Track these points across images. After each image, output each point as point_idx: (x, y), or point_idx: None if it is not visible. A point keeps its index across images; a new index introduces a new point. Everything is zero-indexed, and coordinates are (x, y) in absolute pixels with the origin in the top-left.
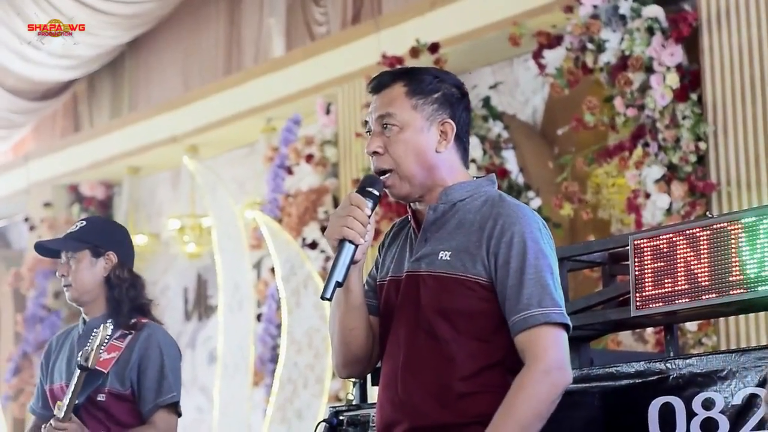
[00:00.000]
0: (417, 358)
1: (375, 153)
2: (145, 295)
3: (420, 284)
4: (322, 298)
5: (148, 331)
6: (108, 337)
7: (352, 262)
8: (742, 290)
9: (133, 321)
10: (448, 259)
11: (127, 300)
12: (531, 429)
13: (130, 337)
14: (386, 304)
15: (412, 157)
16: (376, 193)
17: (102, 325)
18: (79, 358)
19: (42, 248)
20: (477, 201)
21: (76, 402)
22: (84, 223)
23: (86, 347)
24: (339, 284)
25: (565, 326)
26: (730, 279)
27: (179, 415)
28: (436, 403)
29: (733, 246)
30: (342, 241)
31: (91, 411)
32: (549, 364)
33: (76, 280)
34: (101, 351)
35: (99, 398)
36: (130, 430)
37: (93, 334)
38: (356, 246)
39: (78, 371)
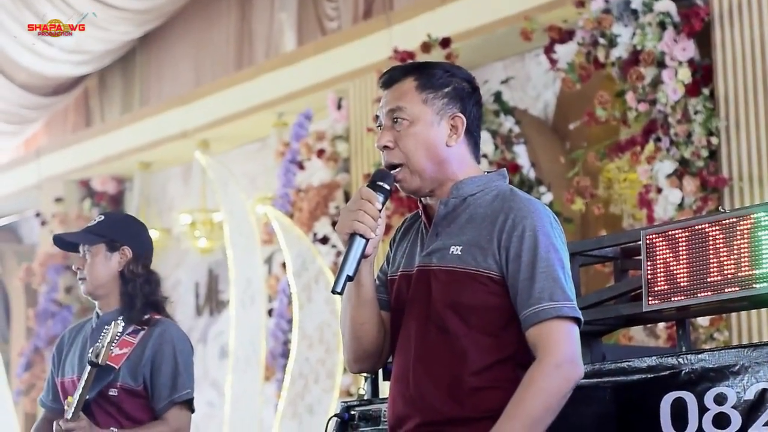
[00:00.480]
0: (428, 352)
1: (385, 147)
2: (159, 292)
3: (431, 279)
4: (333, 292)
5: (161, 328)
6: (119, 334)
7: (363, 256)
8: (753, 285)
9: (146, 317)
10: (459, 253)
11: (140, 295)
12: (542, 423)
13: (142, 333)
14: (397, 299)
15: (423, 151)
16: (387, 187)
17: (113, 322)
18: (89, 354)
19: (60, 241)
20: (488, 195)
21: (87, 397)
22: (103, 217)
23: (97, 343)
24: (350, 278)
25: (577, 320)
26: (742, 274)
27: (192, 411)
28: (448, 398)
29: (745, 241)
30: (353, 235)
31: (102, 405)
32: (560, 358)
33: (91, 274)
34: (112, 347)
35: (111, 393)
36: (144, 425)
37: (104, 330)
38: (367, 240)
39: (88, 367)
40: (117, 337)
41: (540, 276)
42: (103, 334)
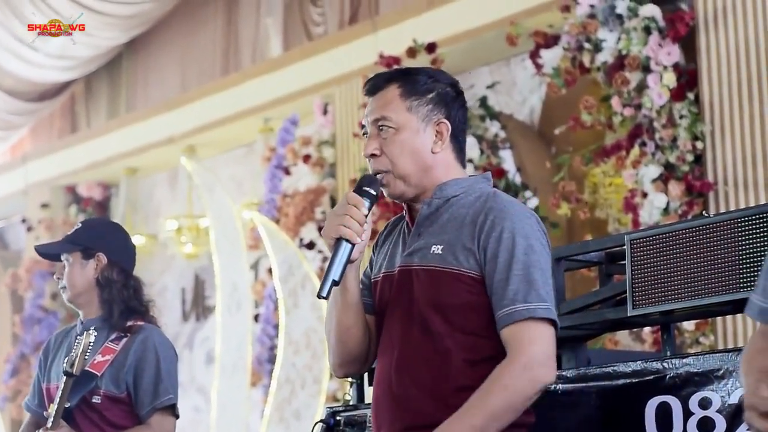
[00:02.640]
0: (411, 353)
1: (372, 155)
2: (141, 297)
3: (413, 278)
4: (319, 296)
5: (144, 334)
6: (91, 344)
7: (349, 261)
8: (738, 289)
9: (129, 324)
10: (440, 252)
11: (119, 301)
12: (501, 420)
13: (125, 339)
14: (381, 300)
15: (409, 158)
16: (374, 192)
17: (85, 332)
18: (64, 364)
19: (42, 252)
20: (471, 196)
21: (69, 405)
22: (80, 225)
23: (71, 353)
24: (335, 283)
25: (552, 322)
26: (726, 278)
27: (177, 417)
28: (431, 398)
29: (729, 245)
30: (339, 240)
31: (85, 412)
32: (531, 359)
33: (69, 282)
34: (86, 358)
35: (94, 400)
36: (128, 429)
37: (77, 341)
38: (353, 245)
39: (64, 377)
40: (89, 348)
41: (515, 277)
42: (76, 344)
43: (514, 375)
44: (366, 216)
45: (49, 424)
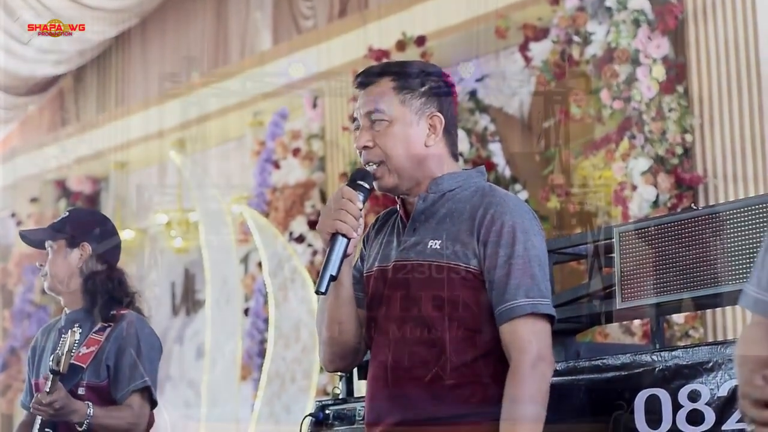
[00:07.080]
0: (407, 348)
1: (365, 147)
2: (125, 288)
3: (409, 273)
4: (317, 292)
5: (126, 321)
6: (76, 342)
7: (344, 255)
8: (727, 282)
9: (112, 313)
10: (438, 247)
11: (102, 292)
12: (539, 421)
13: (109, 329)
14: (374, 295)
15: (402, 150)
16: (367, 186)
17: (70, 331)
18: (50, 362)
19: (26, 238)
20: (467, 191)
21: None
22: (68, 213)
23: (57, 351)
24: (333, 278)
25: (550, 318)
26: (715, 271)
27: (154, 403)
28: (428, 395)
29: (718, 238)
30: (335, 235)
31: None
32: (535, 357)
33: (51, 270)
34: (72, 354)
35: (79, 392)
36: (114, 407)
37: (62, 338)
38: (349, 239)
39: (51, 375)
40: (75, 346)
41: (516, 272)
42: (62, 341)
43: (528, 376)
44: (360, 210)
45: (47, 388)
